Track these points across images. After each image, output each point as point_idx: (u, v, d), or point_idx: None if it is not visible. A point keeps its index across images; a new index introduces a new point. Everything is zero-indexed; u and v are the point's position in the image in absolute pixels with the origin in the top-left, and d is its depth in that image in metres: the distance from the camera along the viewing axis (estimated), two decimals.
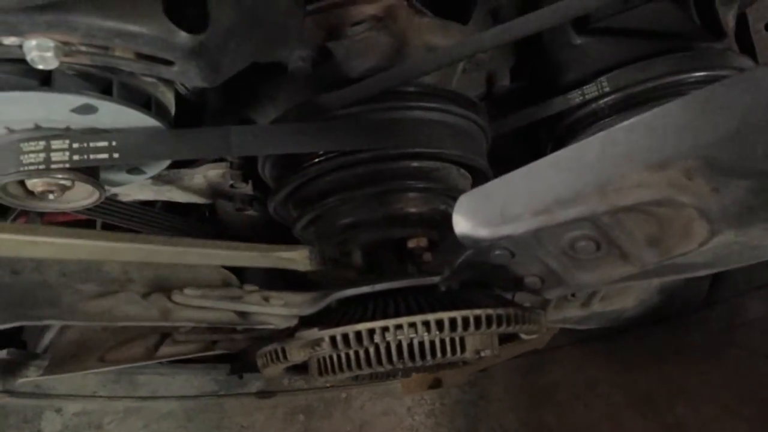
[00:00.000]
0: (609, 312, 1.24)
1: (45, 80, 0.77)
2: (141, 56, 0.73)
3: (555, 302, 1.15)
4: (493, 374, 1.58)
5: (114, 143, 0.80)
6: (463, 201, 0.79)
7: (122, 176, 0.99)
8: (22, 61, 0.68)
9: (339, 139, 0.86)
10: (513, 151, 1.20)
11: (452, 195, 0.97)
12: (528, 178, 0.76)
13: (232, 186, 1.11)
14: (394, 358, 0.83)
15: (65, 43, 0.67)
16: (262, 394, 1.49)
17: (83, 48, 0.70)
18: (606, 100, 1.04)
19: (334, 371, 0.86)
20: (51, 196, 0.85)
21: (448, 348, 0.84)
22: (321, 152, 0.93)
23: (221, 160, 1.09)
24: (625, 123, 0.64)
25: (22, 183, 0.84)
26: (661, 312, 1.30)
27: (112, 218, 1.09)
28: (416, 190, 0.94)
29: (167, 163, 0.96)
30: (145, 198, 1.14)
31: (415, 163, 0.92)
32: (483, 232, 0.79)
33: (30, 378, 1.18)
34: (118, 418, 1.34)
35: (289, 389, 1.52)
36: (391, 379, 0.97)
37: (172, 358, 0.97)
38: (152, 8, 0.69)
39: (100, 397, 1.31)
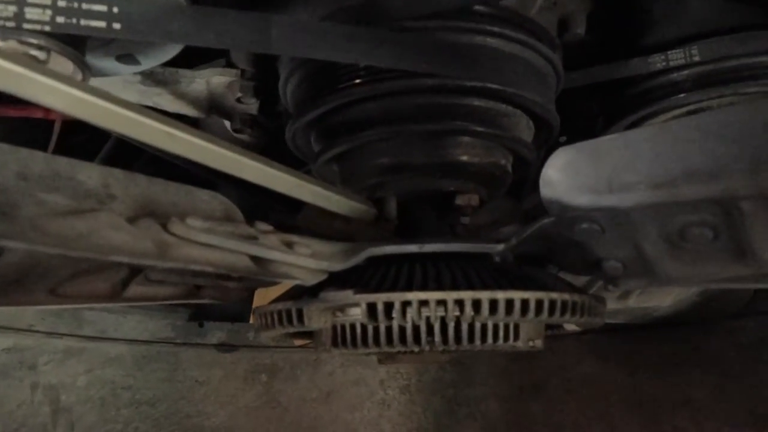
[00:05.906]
0: (642, 308, 1.11)
1: None
2: None
3: (593, 291, 1.00)
4: (479, 355, 1.42)
5: (115, 10, 0.60)
6: (561, 156, 0.62)
7: (108, 63, 0.78)
8: None
9: (405, 56, 0.67)
10: None
11: (515, 148, 0.80)
12: (655, 140, 0.60)
13: (238, 100, 0.91)
14: (437, 338, 0.66)
15: None
16: (223, 347, 1.30)
17: None
18: (692, 70, 0.87)
19: (355, 345, 0.68)
20: None
21: (502, 334, 0.68)
22: (363, 71, 0.74)
23: (231, 66, 0.89)
24: None
25: None
26: (692, 315, 1.17)
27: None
28: (481, 135, 0.76)
29: (173, 53, 0.75)
30: (127, 99, 0.93)
31: (485, 103, 0.74)
32: (580, 200, 0.63)
33: None
34: (56, 359, 1.14)
35: (254, 344, 1.34)
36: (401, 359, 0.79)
37: (144, 303, 0.77)
38: None
39: (38, 332, 1.10)
